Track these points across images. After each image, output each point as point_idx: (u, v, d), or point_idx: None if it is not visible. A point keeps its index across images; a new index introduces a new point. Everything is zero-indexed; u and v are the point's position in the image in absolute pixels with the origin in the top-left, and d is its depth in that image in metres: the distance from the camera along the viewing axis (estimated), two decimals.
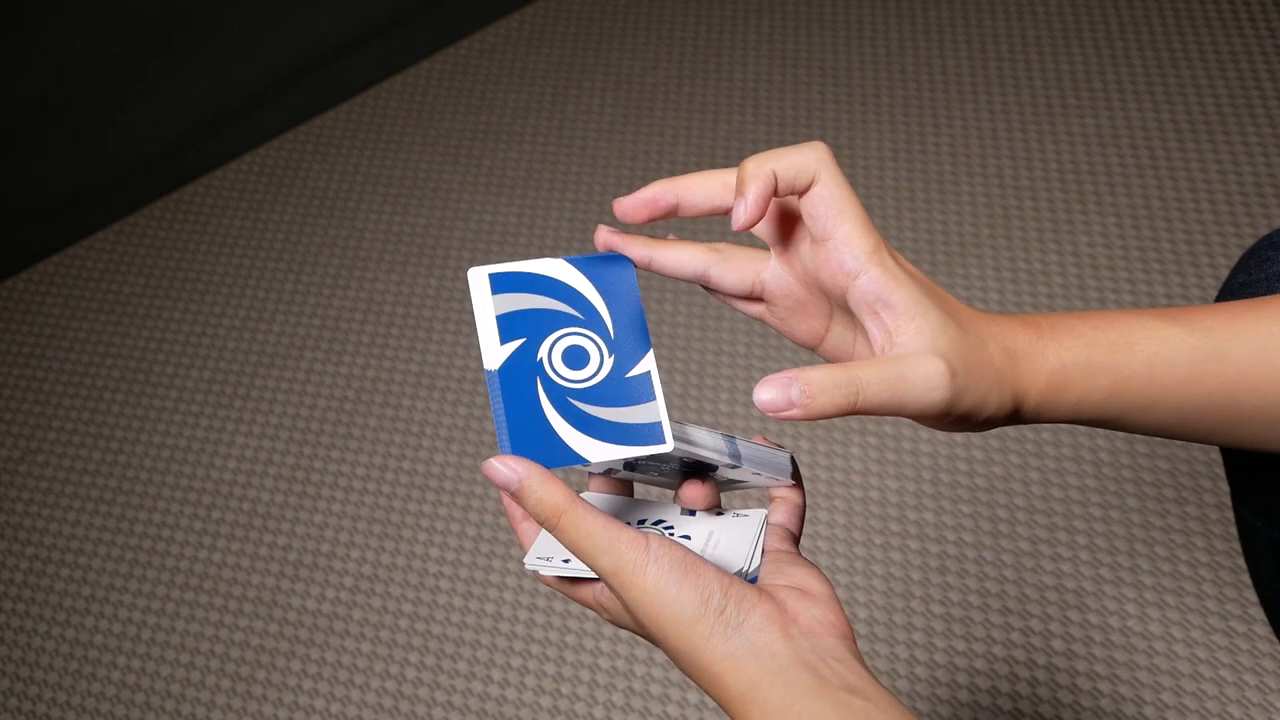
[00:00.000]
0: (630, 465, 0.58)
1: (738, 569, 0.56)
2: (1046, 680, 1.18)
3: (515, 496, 0.52)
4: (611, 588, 0.53)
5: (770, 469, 0.59)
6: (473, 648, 1.29)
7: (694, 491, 0.59)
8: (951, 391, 0.52)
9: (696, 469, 0.58)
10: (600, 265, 0.57)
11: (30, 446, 1.54)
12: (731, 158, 1.67)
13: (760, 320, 0.61)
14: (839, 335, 0.59)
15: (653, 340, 1.49)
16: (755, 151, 1.68)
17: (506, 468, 0.52)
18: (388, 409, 1.50)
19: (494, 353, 0.55)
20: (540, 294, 0.57)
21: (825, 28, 1.82)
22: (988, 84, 1.69)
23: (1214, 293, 1.43)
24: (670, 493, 1.30)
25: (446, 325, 1.57)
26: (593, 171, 1.70)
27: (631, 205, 0.55)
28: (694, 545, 0.57)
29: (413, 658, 1.29)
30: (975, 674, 1.19)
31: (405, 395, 1.51)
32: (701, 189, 0.56)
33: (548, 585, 0.59)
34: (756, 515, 0.60)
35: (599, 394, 0.55)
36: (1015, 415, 0.56)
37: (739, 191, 0.53)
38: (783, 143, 1.68)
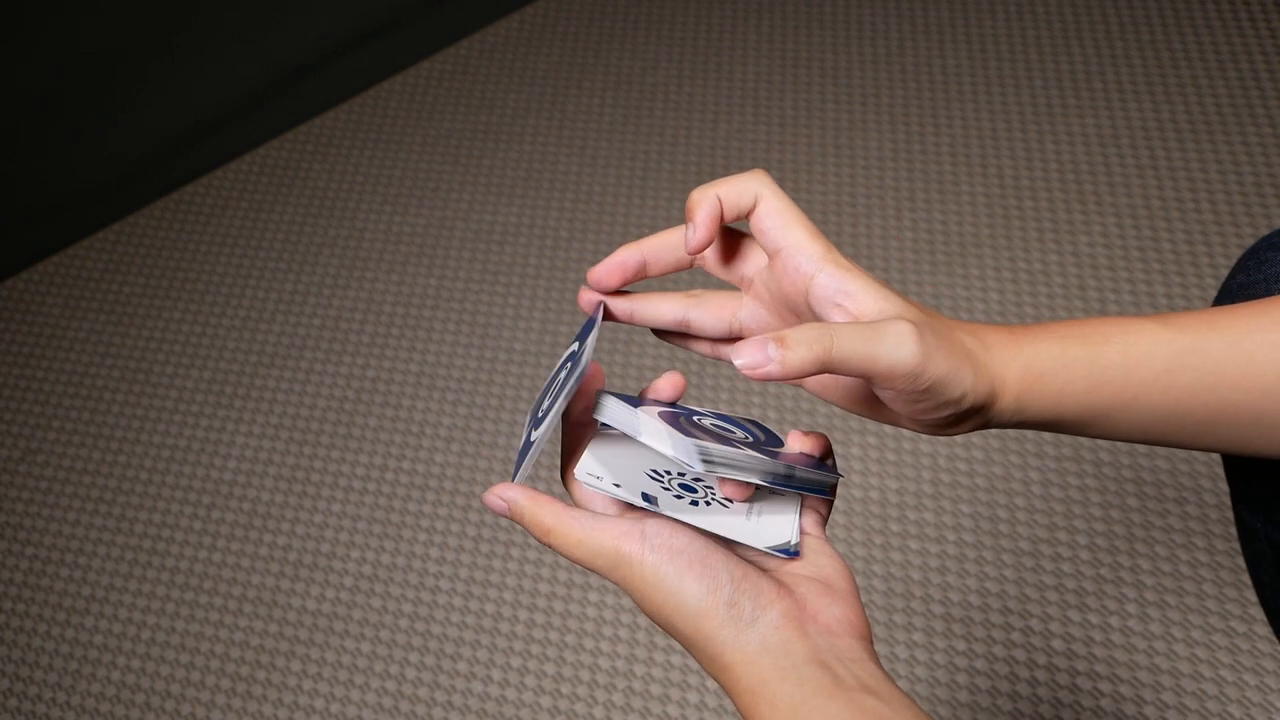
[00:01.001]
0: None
1: (785, 540, 0.56)
2: (1046, 680, 1.18)
3: (513, 519, 0.55)
4: (615, 583, 0.53)
5: (816, 489, 0.59)
6: (473, 648, 1.29)
7: (732, 488, 0.58)
8: (921, 348, 0.52)
9: None
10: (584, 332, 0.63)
11: (30, 446, 1.54)
12: (731, 157, 1.68)
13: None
14: None
15: (655, 344, 1.49)
16: (754, 152, 1.68)
17: (496, 497, 0.55)
18: (388, 409, 1.50)
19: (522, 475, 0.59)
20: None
21: (825, 28, 1.82)
22: (988, 84, 1.69)
23: (1214, 292, 1.43)
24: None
25: (446, 325, 1.57)
26: (593, 171, 1.70)
27: (604, 272, 0.59)
28: (736, 512, 0.57)
29: (413, 658, 1.29)
30: (975, 674, 1.19)
31: (405, 395, 1.51)
32: (665, 242, 0.59)
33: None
34: (792, 494, 0.60)
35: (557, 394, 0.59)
36: (996, 409, 0.55)
37: (688, 218, 0.57)
38: (782, 143, 1.68)
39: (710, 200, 0.56)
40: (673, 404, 0.61)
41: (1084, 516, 1.28)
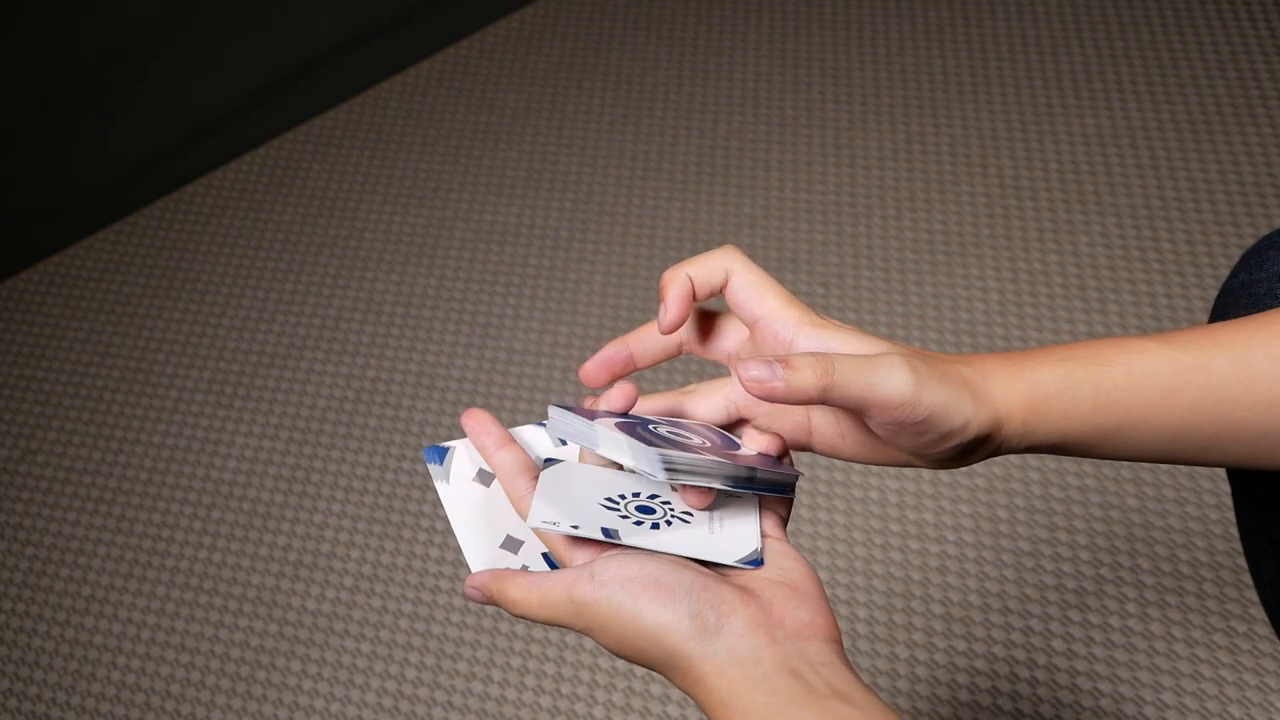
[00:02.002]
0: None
1: (750, 550, 0.55)
2: (1046, 680, 1.18)
3: (493, 604, 0.57)
4: (582, 632, 0.54)
5: (777, 489, 0.59)
6: (473, 648, 1.29)
7: (694, 495, 0.58)
8: (913, 376, 0.53)
9: None
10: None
11: (30, 446, 1.54)
12: (731, 157, 1.68)
13: None
14: (822, 422, 0.60)
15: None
16: (754, 152, 1.68)
17: (472, 588, 0.57)
18: (388, 409, 1.50)
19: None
20: None
21: (825, 28, 1.82)
22: (988, 84, 1.69)
23: (1214, 293, 1.43)
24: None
25: (446, 325, 1.57)
26: (593, 171, 1.70)
27: (593, 369, 0.61)
28: (697, 525, 0.56)
29: (413, 658, 1.29)
30: (975, 674, 1.19)
31: (405, 395, 1.51)
32: (650, 334, 0.61)
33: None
34: (751, 498, 0.59)
35: None
36: (1004, 435, 0.55)
37: (660, 298, 0.58)
38: (782, 143, 1.68)
39: (681, 280, 0.58)
40: (625, 414, 0.61)
41: (1084, 516, 1.28)
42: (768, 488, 0.58)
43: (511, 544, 0.61)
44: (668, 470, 0.53)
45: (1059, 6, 1.77)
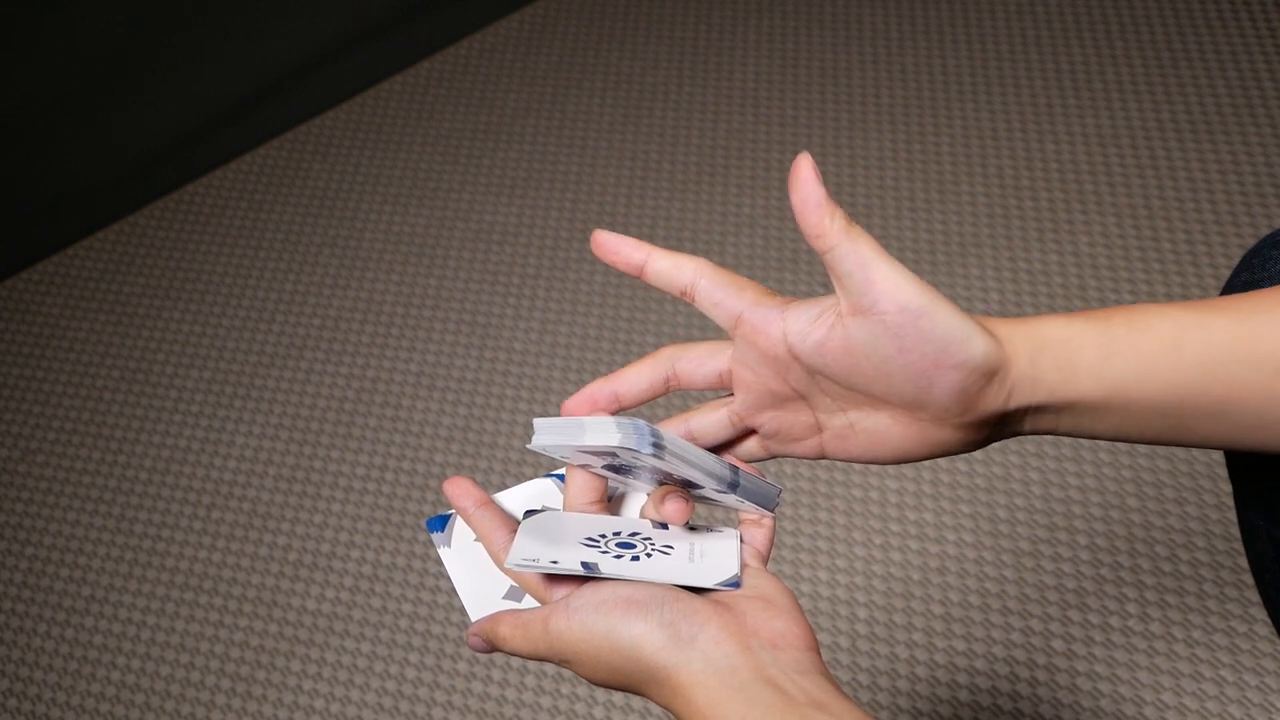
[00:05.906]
0: (613, 468, 0.58)
1: (730, 574, 0.56)
2: (1046, 680, 1.18)
3: (493, 647, 0.57)
4: (561, 664, 0.54)
5: (759, 500, 0.58)
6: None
7: (675, 506, 0.58)
8: (915, 278, 0.53)
9: (681, 481, 0.58)
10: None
11: (30, 446, 1.54)
12: (731, 157, 1.68)
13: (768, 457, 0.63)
14: (830, 418, 0.59)
15: (654, 342, 1.49)
16: (754, 152, 1.68)
17: (473, 636, 0.58)
18: (388, 409, 1.50)
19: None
20: None
21: (825, 28, 1.82)
22: (988, 84, 1.69)
23: (1214, 293, 1.43)
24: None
25: (446, 325, 1.57)
26: (593, 171, 1.70)
27: (574, 405, 0.61)
28: (677, 556, 0.56)
29: (413, 658, 1.29)
30: (975, 674, 1.19)
31: (405, 395, 1.51)
32: (633, 373, 0.60)
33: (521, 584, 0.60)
34: (731, 532, 0.60)
35: None
36: (1011, 378, 0.54)
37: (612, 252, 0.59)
38: (782, 143, 1.68)
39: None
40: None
41: (1084, 516, 1.28)
42: (750, 496, 0.57)
43: (515, 594, 0.61)
44: (654, 445, 0.53)
45: (1059, 6, 1.77)
